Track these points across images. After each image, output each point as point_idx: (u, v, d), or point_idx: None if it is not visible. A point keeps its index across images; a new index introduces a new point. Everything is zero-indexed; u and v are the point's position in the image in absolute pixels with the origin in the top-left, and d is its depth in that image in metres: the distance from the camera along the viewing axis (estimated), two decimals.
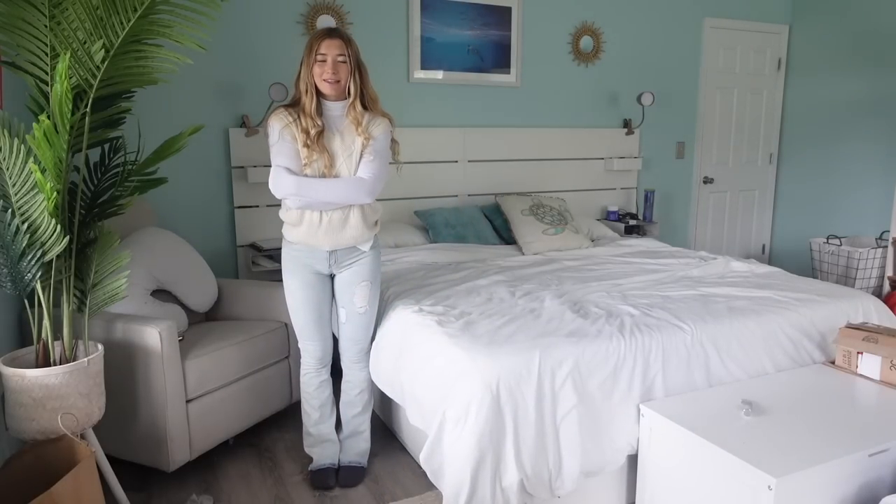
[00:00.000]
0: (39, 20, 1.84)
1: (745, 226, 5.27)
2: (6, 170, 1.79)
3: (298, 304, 2.32)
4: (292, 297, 2.33)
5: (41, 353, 1.92)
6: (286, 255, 2.33)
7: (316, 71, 2.12)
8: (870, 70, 4.49)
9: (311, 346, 2.38)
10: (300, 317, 2.34)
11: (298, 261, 2.29)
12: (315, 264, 2.28)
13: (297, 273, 2.30)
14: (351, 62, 2.13)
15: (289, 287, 2.33)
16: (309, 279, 2.30)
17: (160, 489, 2.39)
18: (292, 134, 2.15)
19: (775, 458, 1.75)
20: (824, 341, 2.48)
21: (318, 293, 2.32)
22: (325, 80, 2.11)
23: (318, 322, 2.35)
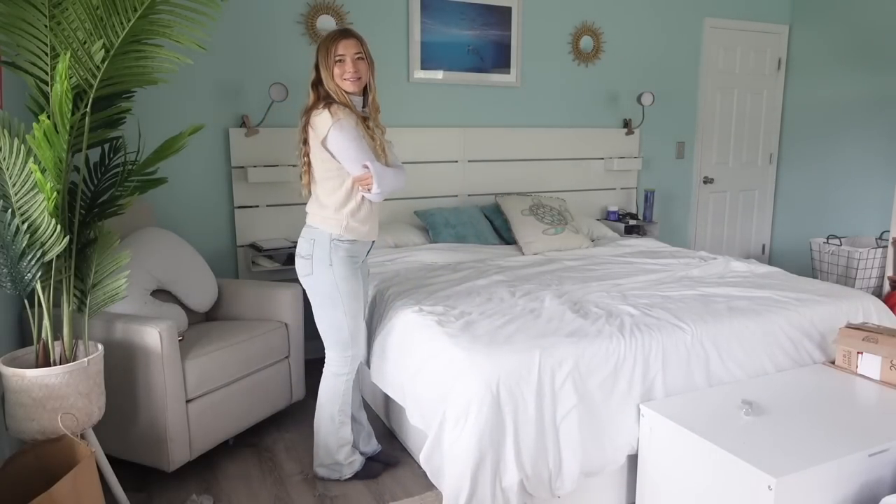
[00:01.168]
0: (39, 20, 1.84)
1: (745, 226, 5.27)
2: (6, 170, 1.79)
3: (360, 307, 2.32)
4: (357, 300, 2.30)
5: (41, 353, 1.92)
6: (344, 259, 2.24)
7: (336, 72, 2.16)
8: (870, 70, 4.49)
9: (360, 349, 2.40)
10: (359, 319, 2.34)
11: (356, 261, 2.28)
12: (361, 260, 2.33)
13: (357, 274, 2.29)
14: (368, 58, 2.22)
15: (353, 290, 2.27)
16: (359, 278, 2.32)
17: (160, 489, 2.39)
18: (359, 125, 2.20)
19: (775, 458, 1.75)
20: (824, 341, 2.47)
21: (363, 291, 2.39)
22: (348, 79, 2.16)
23: (364, 321, 2.43)
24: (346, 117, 2.15)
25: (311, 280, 2.27)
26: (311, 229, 2.26)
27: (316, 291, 2.28)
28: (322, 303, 2.28)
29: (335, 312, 2.27)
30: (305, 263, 2.26)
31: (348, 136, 2.14)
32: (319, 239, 2.23)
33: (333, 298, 2.26)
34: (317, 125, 2.15)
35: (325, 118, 2.13)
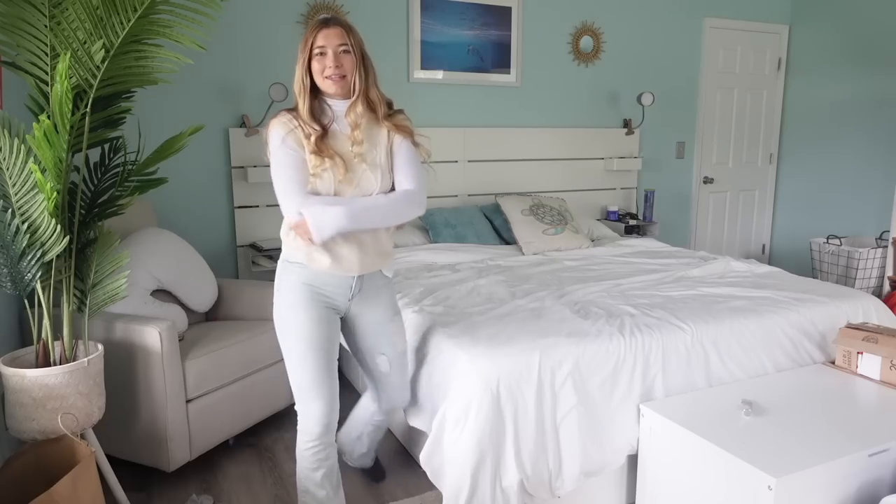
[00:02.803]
0: (39, 20, 1.84)
1: (745, 226, 5.27)
2: (6, 170, 1.79)
3: (307, 348, 1.79)
4: (300, 340, 1.79)
5: (41, 353, 1.92)
6: (292, 283, 1.82)
7: (315, 67, 1.76)
8: (870, 70, 4.49)
9: (318, 407, 1.81)
10: (308, 365, 1.80)
11: (311, 290, 1.81)
12: (334, 295, 1.83)
13: (310, 306, 1.80)
14: (355, 52, 1.77)
15: (295, 325, 1.80)
16: (322, 314, 1.82)
17: (160, 489, 2.39)
18: (297, 139, 1.76)
19: (775, 458, 1.75)
20: (824, 341, 2.47)
21: (331, 332, 1.85)
22: (329, 77, 1.75)
23: (329, 371, 1.83)
24: (276, 126, 1.77)
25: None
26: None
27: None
28: (279, 338, 1.88)
29: (284, 352, 1.85)
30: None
31: (274, 163, 1.77)
32: (279, 260, 1.91)
33: (280, 333, 1.85)
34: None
35: (268, 133, 1.79)
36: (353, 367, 3.26)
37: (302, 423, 1.84)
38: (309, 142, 1.75)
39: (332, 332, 1.86)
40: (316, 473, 1.81)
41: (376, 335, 1.96)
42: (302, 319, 1.80)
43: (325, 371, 1.81)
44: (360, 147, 1.79)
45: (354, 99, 1.80)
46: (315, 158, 1.75)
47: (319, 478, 1.81)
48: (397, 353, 2.01)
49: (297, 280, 1.82)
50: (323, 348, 1.81)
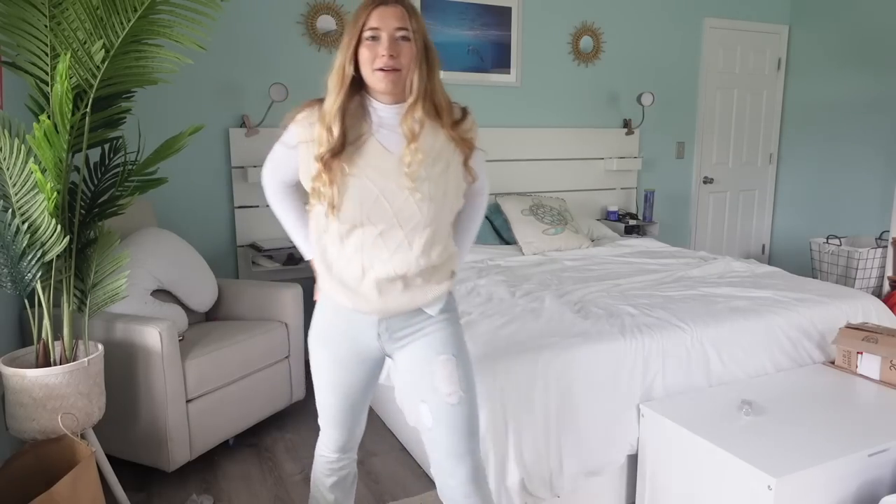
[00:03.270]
0: (39, 20, 1.84)
1: (745, 226, 5.27)
2: (6, 170, 1.79)
3: (325, 386, 1.61)
4: (320, 376, 1.60)
5: (41, 352, 1.92)
6: (321, 313, 1.57)
7: (364, 56, 1.36)
8: (869, 70, 4.49)
9: (334, 436, 1.67)
10: (325, 402, 1.63)
11: (337, 329, 1.54)
12: (360, 336, 1.53)
13: (332, 345, 1.55)
14: (417, 42, 1.38)
15: (315, 360, 1.59)
16: (345, 357, 1.55)
17: (160, 489, 2.39)
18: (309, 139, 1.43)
19: (775, 458, 1.75)
20: (824, 341, 2.48)
21: (353, 378, 1.57)
22: (380, 69, 1.35)
23: (348, 411, 1.63)
24: (298, 123, 1.45)
25: None
26: None
27: None
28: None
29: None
30: None
31: (283, 138, 1.51)
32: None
33: (311, 356, 1.63)
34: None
35: (286, 124, 1.50)
36: None
37: (320, 438, 1.72)
38: (320, 146, 1.39)
39: (355, 377, 1.57)
40: (328, 479, 1.72)
41: (413, 376, 1.53)
42: (322, 358, 1.57)
43: (346, 411, 1.61)
44: (415, 167, 1.37)
45: (413, 101, 1.38)
46: (321, 173, 1.39)
47: (330, 484, 1.72)
48: (444, 403, 1.49)
49: (325, 310, 1.56)
50: (342, 393, 1.58)
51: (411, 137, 1.38)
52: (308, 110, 1.43)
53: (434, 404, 1.50)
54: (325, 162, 1.37)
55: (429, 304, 1.50)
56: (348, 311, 1.49)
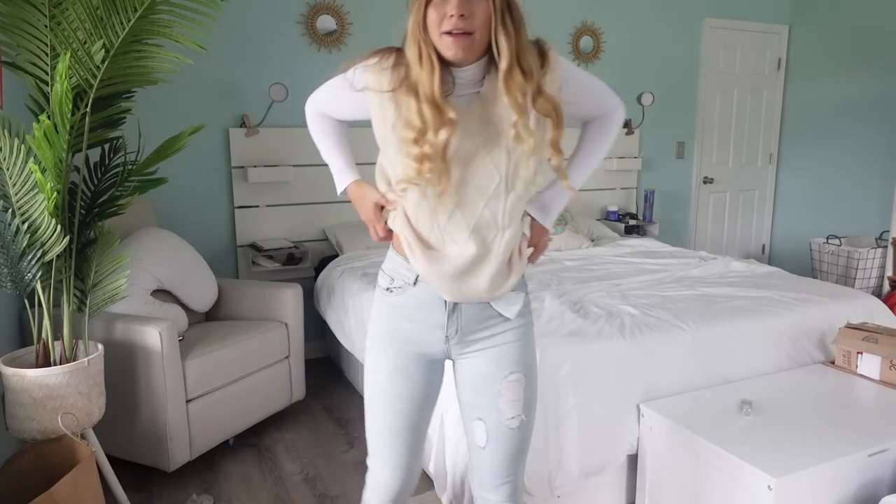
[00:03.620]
0: (39, 20, 1.85)
1: (745, 226, 5.27)
2: (6, 170, 1.79)
3: (376, 400, 1.41)
4: (372, 386, 1.42)
5: (41, 352, 1.92)
6: (376, 313, 1.40)
7: (432, 17, 1.17)
8: (869, 70, 4.49)
9: (383, 478, 1.47)
10: (376, 420, 1.43)
11: (394, 329, 1.37)
12: (423, 334, 1.35)
13: (390, 350, 1.37)
14: (498, 3, 1.16)
15: (369, 367, 1.42)
16: (403, 363, 1.37)
17: (160, 489, 2.39)
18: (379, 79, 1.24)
19: (775, 458, 1.75)
20: (824, 341, 2.47)
21: (412, 389, 1.38)
22: (447, 32, 1.15)
23: (403, 435, 1.41)
24: (362, 76, 1.26)
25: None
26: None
27: None
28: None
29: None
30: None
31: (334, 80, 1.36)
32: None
33: (367, 361, 1.44)
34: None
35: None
36: (350, 364, 3.26)
37: (368, 486, 1.53)
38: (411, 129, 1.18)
39: (414, 388, 1.37)
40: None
41: (475, 391, 1.38)
42: (376, 365, 1.39)
43: (399, 433, 1.40)
44: (528, 143, 1.19)
45: (507, 67, 1.17)
46: (424, 162, 1.17)
47: None
48: (503, 426, 1.37)
49: (381, 309, 1.39)
50: (396, 408, 1.38)
51: (520, 110, 1.17)
52: (382, 56, 1.25)
53: (492, 425, 1.37)
54: (435, 149, 1.17)
55: (506, 299, 1.35)
56: (416, 304, 1.33)
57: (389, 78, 1.22)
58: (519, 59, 1.18)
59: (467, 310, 1.32)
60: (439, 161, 1.18)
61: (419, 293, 1.32)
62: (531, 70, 1.19)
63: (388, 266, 1.37)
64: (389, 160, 1.28)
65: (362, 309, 2.74)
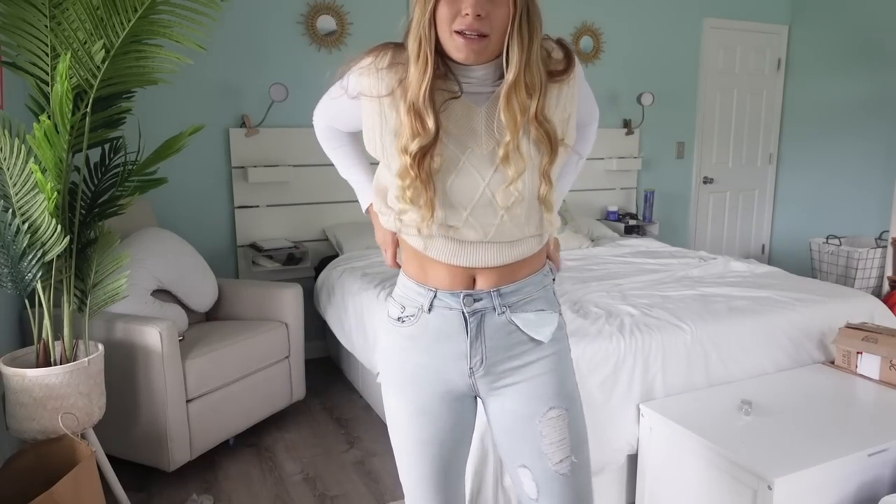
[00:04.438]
0: (40, 20, 1.85)
1: (744, 226, 5.27)
2: (7, 170, 1.79)
3: (402, 445, 1.27)
4: (395, 431, 1.27)
5: (42, 352, 1.92)
6: (389, 348, 1.26)
7: (442, 13, 1.04)
8: (869, 70, 4.49)
9: None
10: (405, 466, 1.28)
11: (412, 364, 1.21)
12: (444, 365, 1.19)
13: (408, 390, 1.23)
14: (516, 3, 1.02)
15: (388, 411, 1.29)
16: (426, 404, 1.22)
17: (160, 489, 2.39)
18: (376, 83, 1.12)
19: (775, 458, 1.75)
20: (824, 341, 2.48)
21: (438, 431, 1.23)
22: (459, 32, 1.03)
23: (441, 478, 1.26)
24: (356, 81, 1.14)
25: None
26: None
27: None
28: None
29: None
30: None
31: (330, 91, 1.25)
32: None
33: (385, 404, 1.30)
34: None
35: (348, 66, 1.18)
36: (351, 364, 3.26)
37: None
38: (402, 137, 1.08)
39: (444, 430, 1.22)
40: None
41: (512, 435, 1.21)
42: (397, 408, 1.25)
43: (431, 477, 1.25)
44: (515, 168, 1.07)
45: (513, 79, 1.04)
46: (408, 171, 1.07)
47: None
48: (549, 472, 1.18)
49: (395, 342, 1.24)
50: (426, 453, 1.23)
51: (514, 128, 1.06)
52: (376, 55, 1.13)
53: (539, 472, 1.18)
54: (417, 160, 1.06)
55: (537, 317, 1.19)
56: (434, 334, 1.18)
57: (386, 80, 1.10)
58: (525, 72, 1.05)
59: (493, 333, 1.17)
60: (416, 176, 1.07)
61: (436, 320, 1.17)
62: (535, 86, 1.06)
63: (398, 293, 1.23)
64: (392, 172, 1.13)
65: (362, 309, 2.74)
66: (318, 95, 1.41)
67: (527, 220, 1.13)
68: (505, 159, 1.07)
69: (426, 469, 1.24)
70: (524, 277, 1.19)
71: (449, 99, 1.09)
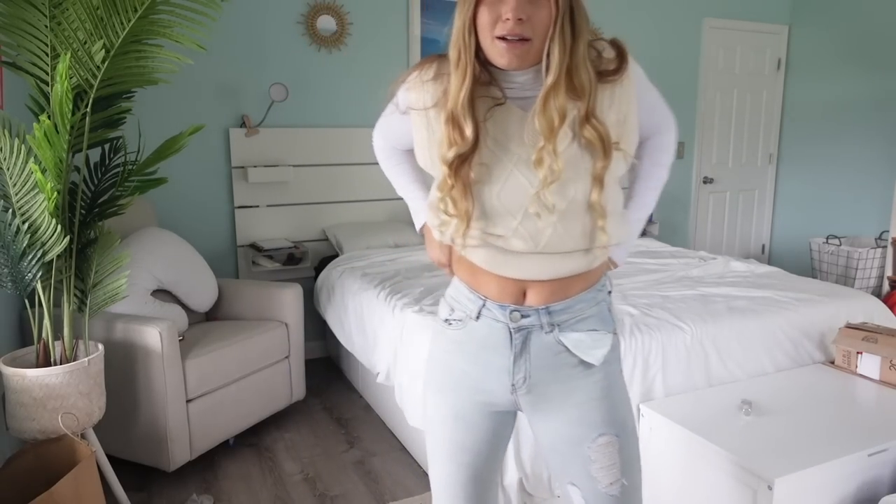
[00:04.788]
0: (40, 20, 1.85)
1: (744, 226, 5.27)
2: (7, 170, 1.80)
3: (436, 447, 1.25)
4: (431, 432, 1.26)
5: (42, 352, 1.92)
6: (435, 349, 1.26)
7: (483, 19, 1.03)
8: (869, 70, 4.49)
9: None
10: (437, 468, 1.26)
11: (457, 370, 1.20)
12: (487, 381, 1.17)
13: (448, 394, 1.22)
14: (559, 5, 1.00)
15: (429, 409, 1.27)
16: (465, 411, 1.20)
17: (160, 489, 2.39)
18: (423, 95, 1.12)
19: (775, 458, 1.75)
20: (824, 341, 2.48)
21: (475, 441, 1.22)
22: (500, 37, 1.02)
23: (470, 488, 1.24)
24: (403, 96, 1.16)
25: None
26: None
27: None
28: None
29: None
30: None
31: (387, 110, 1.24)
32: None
33: (424, 403, 1.30)
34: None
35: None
36: (351, 364, 3.26)
37: None
38: (443, 145, 1.06)
39: (479, 439, 1.21)
40: None
41: (560, 455, 1.18)
42: (435, 409, 1.24)
43: (463, 485, 1.23)
44: (554, 171, 1.03)
45: (553, 82, 1.01)
46: (446, 180, 1.06)
47: None
48: (599, 493, 1.15)
49: (440, 344, 1.23)
50: (459, 459, 1.21)
51: (549, 131, 1.02)
52: (421, 68, 1.13)
53: (589, 492, 1.16)
54: (454, 169, 1.05)
55: (589, 337, 1.14)
56: (478, 342, 1.15)
57: (431, 91, 1.10)
58: (571, 75, 1.01)
59: (538, 352, 1.12)
60: (451, 186, 1.06)
61: (481, 329, 1.15)
62: (583, 88, 1.02)
63: (451, 293, 1.22)
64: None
65: (362, 309, 2.74)
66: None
67: (580, 232, 1.08)
68: (538, 163, 1.03)
69: (458, 475, 1.22)
70: (577, 294, 1.13)
71: (494, 106, 1.07)
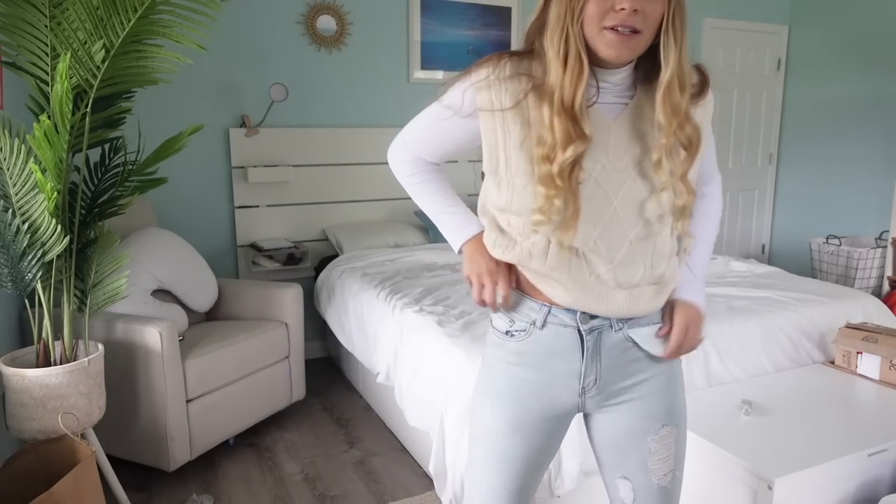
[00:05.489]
0: (40, 20, 1.85)
1: (744, 226, 5.27)
2: (7, 170, 1.80)
3: (492, 454, 1.19)
4: (481, 440, 1.21)
5: (41, 352, 1.92)
6: (496, 352, 1.21)
7: (591, 9, 0.98)
8: (869, 70, 4.49)
9: None
10: (483, 477, 1.21)
11: (518, 379, 1.16)
12: (554, 388, 1.15)
13: (507, 403, 1.17)
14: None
15: (480, 419, 1.22)
16: (523, 420, 1.16)
17: (160, 489, 2.39)
18: (495, 96, 1.06)
19: (775, 458, 1.75)
20: (824, 341, 2.48)
21: (529, 451, 1.19)
22: (613, 28, 0.98)
23: (513, 499, 1.21)
24: (472, 95, 1.09)
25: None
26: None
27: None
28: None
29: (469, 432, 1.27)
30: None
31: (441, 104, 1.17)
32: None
33: (472, 407, 1.26)
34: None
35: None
36: (351, 364, 3.26)
37: None
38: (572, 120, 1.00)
39: (532, 451, 1.18)
40: None
41: (619, 449, 1.19)
42: (491, 419, 1.18)
43: (506, 497, 1.20)
44: (667, 171, 1.04)
45: (669, 78, 1.02)
46: (553, 182, 1.01)
47: None
48: (651, 485, 1.18)
49: (499, 357, 1.19)
50: (508, 470, 1.18)
51: (668, 129, 1.02)
52: (494, 66, 1.06)
53: (640, 484, 1.18)
54: (570, 168, 1.00)
55: (653, 338, 1.14)
56: (546, 350, 1.12)
57: (510, 91, 1.04)
58: (682, 71, 1.03)
59: (608, 351, 1.12)
60: (565, 185, 1.00)
61: (549, 337, 1.12)
62: (687, 87, 1.05)
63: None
64: (514, 190, 1.07)
65: (362, 309, 2.74)
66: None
67: (652, 256, 1.07)
68: (658, 165, 1.03)
69: (505, 485, 1.19)
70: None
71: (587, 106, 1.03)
